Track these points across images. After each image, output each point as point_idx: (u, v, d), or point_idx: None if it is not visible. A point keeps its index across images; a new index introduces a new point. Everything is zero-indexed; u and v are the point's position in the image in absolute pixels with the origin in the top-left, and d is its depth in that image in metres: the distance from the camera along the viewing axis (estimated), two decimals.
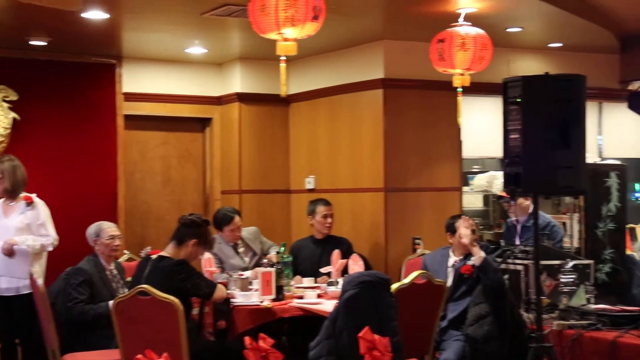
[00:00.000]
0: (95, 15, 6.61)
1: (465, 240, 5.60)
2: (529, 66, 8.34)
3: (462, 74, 6.59)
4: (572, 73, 4.91)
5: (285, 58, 5.20)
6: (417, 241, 7.70)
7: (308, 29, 5.02)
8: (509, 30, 7.56)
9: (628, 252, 7.45)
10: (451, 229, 5.85)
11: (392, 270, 7.23)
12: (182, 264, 5.34)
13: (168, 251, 5.44)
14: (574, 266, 5.50)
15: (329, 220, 7.03)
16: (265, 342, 3.56)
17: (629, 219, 7.47)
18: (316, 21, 5.00)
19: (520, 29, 7.64)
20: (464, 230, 5.67)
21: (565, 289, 5.37)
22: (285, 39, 5.04)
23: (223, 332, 5.69)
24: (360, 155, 8.01)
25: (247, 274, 6.15)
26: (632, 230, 9.25)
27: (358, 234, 7.76)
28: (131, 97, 8.60)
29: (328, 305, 5.32)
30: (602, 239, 7.01)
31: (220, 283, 5.61)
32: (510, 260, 5.61)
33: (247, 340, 3.55)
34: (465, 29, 6.52)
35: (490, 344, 5.25)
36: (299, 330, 5.82)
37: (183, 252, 5.41)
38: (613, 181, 7.08)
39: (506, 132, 4.77)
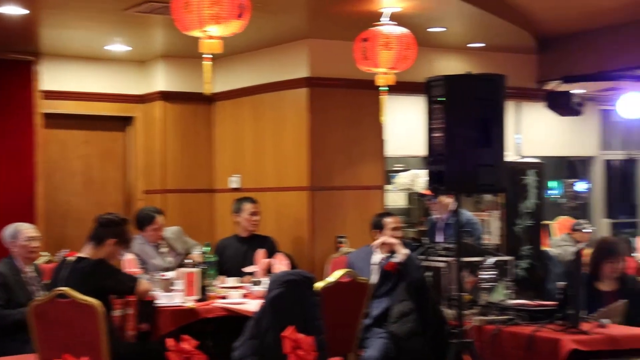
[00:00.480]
0: (13, 10, 6.44)
1: (391, 240, 5.63)
2: (451, 66, 8.41)
3: (386, 73, 6.60)
4: (492, 73, 4.96)
5: (209, 56, 5.14)
6: (341, 239, 7.70)
7: (233, 27, 4.97)
8: (432, 30, 7.62)
9: (544, 248, 7.61)
10: (378, 226, 5.86)
11: (316, 269, 7.20)
12: (101, 263, 5.24)
13: (86, 252, 5.32)
14: (495, 263, 5.56)
15: (256, 217, 6.99)
16: (188, 344, 3.49)
17: (545, 216, 7.64)
18: (241, 19, 4.95)
19: (443, 29, 7.71)
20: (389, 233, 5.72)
21: (486, 285, 5.44)
22: (210, 37, 4.98)
23: (145, 334, 5.60)
24: (285, 154, 7.98)
25: (170, 274, 6.06)
26: (547, 226, 9.46)
27: (283, 233, 7.72)
28: (50, 95, 8.40)
29: (252, 305, 5.27)
30: (520, 235, 7.14)
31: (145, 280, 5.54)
32: (432, 258, 5.65)
33: (170, 342, 3.49)
34: (389, 29, 6.53)
35: (413, 341, 5.29)
36: (223, 330, 5.76)
37: (102, 252, 5.29)
38: (531, 179, 7.21)
39: (429, 131, 4.81)
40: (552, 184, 12.21)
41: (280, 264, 6.17)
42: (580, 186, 12.97)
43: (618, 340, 4.65)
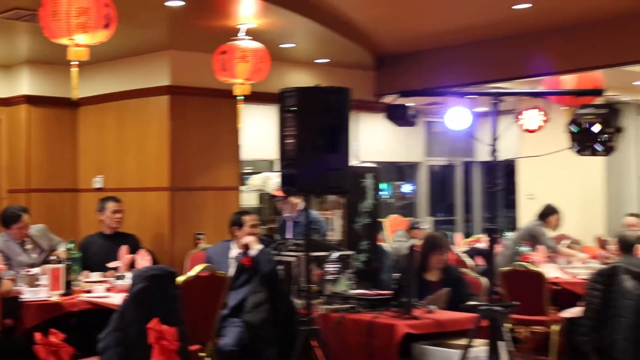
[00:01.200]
0: None
1: (247, 239, 5.58)
2: (301, 78, 8.47)
3: (242, 84, 6.61)
4: (338, 86, 4.98)
5: (76, 63, 4.94)
6: (199, 236, 7.60)
7: (99, 36, 4.83)
8: (283, 45, 7.64)
9: (379, 243, 7.75)
10: (237, 224, 5.78)
11: (176, 264, 7.04)
12: None
13: None
14: (339, 257, 5.60)
15: (118, 215, 6.75)
16: (55, 337, 3.33)
17: (380, 215, 7.80)
18: (107, 29, 4.83)
19: (293, 45, 7.74)
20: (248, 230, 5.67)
21: (330, 277, 5.47)
22: (77, 45, 4.81)
23: (11, 328, 5.27)
24: (147, 157, 7.80)
25: (35, 270, 5.74)
26: (381, 224, 9.65)
27: (145, 230, 7.50)
28: None
29: (116, 299, 5.09)
30: (360, 232, 7.24)
31: (7, 280, 5.20)
32: (284, 253, 5.64)
33: (38, 335, 3.30)
34: (245, 43, 6.55)
35: (265, 329, 5.24)
36: (88, 323, 5.51)
37: None
38: (369, 181, 7.33)
39: (282, 138, 4.78)
40: (382, 186, 12.52)
41: (143, 260, 5.97)
42: (406, 188, 13.37)
43: (444, 324, 4.77)
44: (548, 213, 8.37)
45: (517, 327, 7.03)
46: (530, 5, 6.94)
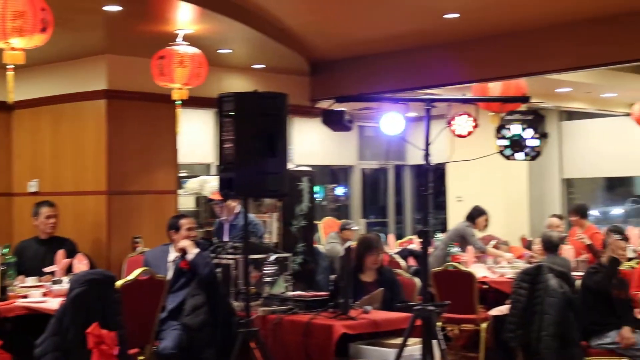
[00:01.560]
0: None
1: (184, 243, 5.49)
2: (238, 84, 8.43)
3: (180, 88, 6.54)
4: (277, 91, 4.95)
5: (12, 66, 4.80)
6: (137, 240, 7.48)
7: (36, 40, 4.72)
8: (220, 51, 7.58)
9: (314, 245, 7.75)
10: (174, 227, 5.69)
11: (114, 268, 6.92)
12: None
13: None
14: (276, 259, 5.57)
15: (52, 220, 6.57)
16: None
17: (315, 217, 7.81)
18: (44, 33, 4.72)
19: (230, 51, 7.68)
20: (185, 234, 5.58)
21: (268, 279, 5.43)
22: (13, 49, 4.67)
23: None
24: (84, 161, 7.63)
25: None
26: (316, 226, 9.66)
27: (82, 235, 7.32)
28: None
29: (53, 303, 4.94)
30: (296, 234, 7.22)
31: None
32: (222, 256, 5.58)
33: None
34: (183, 48, 6.50)
35: (204, 331, 5.17)
36: (24, 329, 5.35)
37: None
38: (305, 185, 7.32)
39: (221, 142, 4.73)
40: (315, 188, 12.53)
41: (80, 264, 5.83)
42: (339, 191, 13.41)
43: (379, 324, 4.78)
44: (476, 214, 8.50)
45: (447, 325, 7.12)
46: (458, 15, 7.04)
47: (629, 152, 12.32)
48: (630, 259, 6.64)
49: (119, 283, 4.75)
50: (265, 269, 5.46)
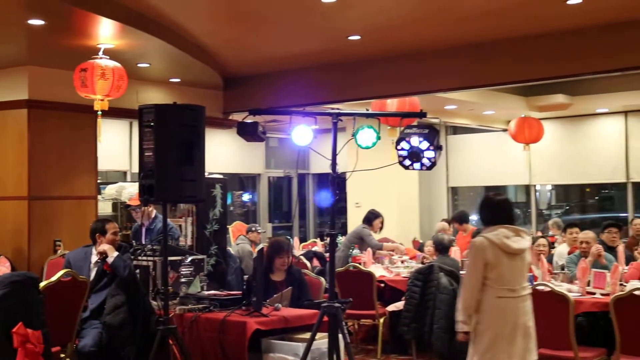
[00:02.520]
0: None
1: (104, 247, 5.36)
2: (156, 96, 8.31)
3: (102, 100, 6.40)
4: (194, 104, 4.91)
5: None
6: (58, 243, 7.26)
7: None
8: (140, 65, 7.46)
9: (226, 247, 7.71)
10: (99, 231, 5.53)
11: (35, 270, 6.72)
12: None
13: None
14: (191, 261, 5.52)
15: None
16: None
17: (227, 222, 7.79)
18: None
19: (148, 65, 7.56)
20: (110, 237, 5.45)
21: (185, 280, 5.38)
22: None
23: None
24: (6, 167, 7.40)
25: None
26: (227, 230, 9.60)
27: (3, 238, 7.14)
28: None
29: None
30: (210, 237, 7.16)
31: None
32: (141, 258, 5.47)
33: None
34: (105, 62, 6.40)
35: (124, 329, 5.05)
36: None
37: None
38: (217, 191, 7.28)
39: (141, 151, 4.64)
40: (229, 195, 12.49)
41: (2, 267, 5.60)
42: (246, 197, 13.39)
43: (289, 320, 4.80)
44: (372, 217, 8.64)
45: (348, 320, 7.21)
46: (360, 37, 7.17)
47: (504, 163, 12.81)
48: None
49: (42, 284, 4.59)
50: (181, 270, 5.40)
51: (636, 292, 4.95)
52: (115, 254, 5.30)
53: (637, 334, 4.92)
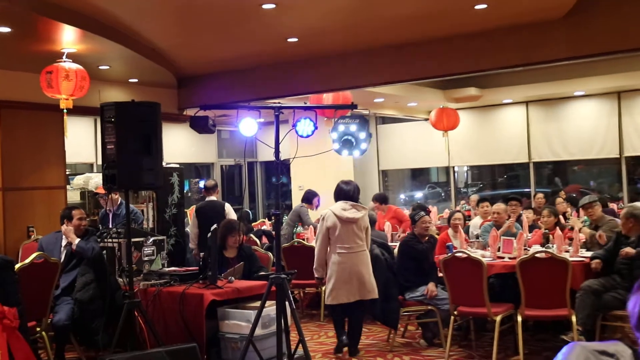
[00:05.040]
0: None
1: (67, 236, 5.25)
2: (116, 95, 8.15)
3: (66, 99, 6.24)
4: (151, 101, 4.84)
5: None
6: (31, 229, 7.10)
7: None
8: (101, 67, 7.29)
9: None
10: (67, 217, 5.41)
11: (10, 254, 6.49)
12: None
13: None
14: (153, 241, 5.46)
15: None
16: None
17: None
18: None
19: (108, 67, 7.40)
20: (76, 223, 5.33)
21: (147, 258, 5.33)
22: None
23: None
24: None
25: None
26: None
27: None
28: None
29: None
30: (169, 220, 7.10)
31: None
32: (108, 240, 5.39)
33: None
34: (68, 64, 6.25)
35: (94, 304, 5.00)
36: None
37: None
38: (175, 179, 7.21)
39: (104, 144, 4.57)
40: (186, 182, 12.37)
41: None
42: (202, 184, 13.26)
43: (242, 291, 4.80)
44: (311, 196, 8.64)
45: (294, 289, 7.25)
46: (297, 39, 7.17)
47: (427, 148, 13.02)
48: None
49: (17, 266, 4.48)
50: (144, 249, 5.34)
51: (537, 255, 5.12)
52: (77, 240, 5.21)
53: (539, 291, 5.08)
